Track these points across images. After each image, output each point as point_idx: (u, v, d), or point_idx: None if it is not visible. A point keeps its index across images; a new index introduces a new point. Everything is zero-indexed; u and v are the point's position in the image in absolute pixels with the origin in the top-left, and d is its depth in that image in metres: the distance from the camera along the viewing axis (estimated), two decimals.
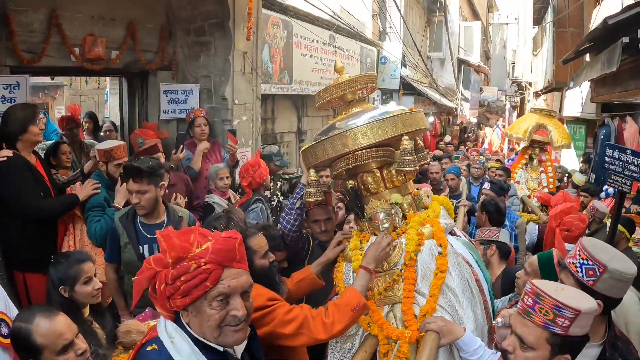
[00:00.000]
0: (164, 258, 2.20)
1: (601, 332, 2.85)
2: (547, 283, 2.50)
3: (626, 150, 6.44)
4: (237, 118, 8.53)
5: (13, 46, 5.97)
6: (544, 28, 23.64)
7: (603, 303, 2.71)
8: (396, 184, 3.74)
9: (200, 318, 2.22)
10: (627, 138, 12.68)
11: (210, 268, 2.18)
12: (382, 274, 3.59)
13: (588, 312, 2.34)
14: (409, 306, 3.49)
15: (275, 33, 10.11)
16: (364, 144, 3.45)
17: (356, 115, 3.63)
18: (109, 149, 5.49)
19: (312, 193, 3.80)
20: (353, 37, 14.09)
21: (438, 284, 3.47)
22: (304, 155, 3.84)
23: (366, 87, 3.97)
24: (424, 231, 3.60)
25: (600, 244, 2.88)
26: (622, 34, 7.90)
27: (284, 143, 12.13)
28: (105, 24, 7.03)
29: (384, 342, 3.47)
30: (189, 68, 8.48)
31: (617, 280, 2.70)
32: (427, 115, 22.60)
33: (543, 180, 9.64)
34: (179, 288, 2.16)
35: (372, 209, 3.65)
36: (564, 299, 2.34)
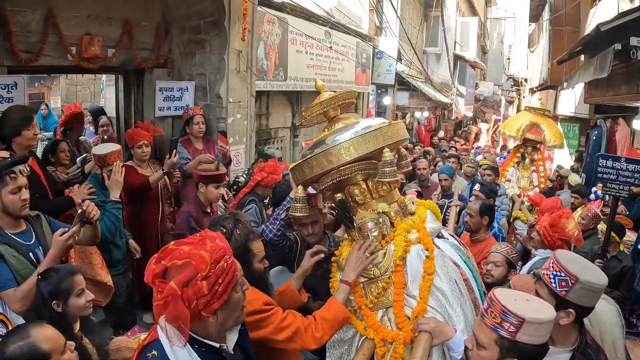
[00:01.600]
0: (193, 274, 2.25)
1: (572, 339, 2.97)
2: (508, 292, 2.67)
3: (620, 158, 6.64)
4: (232, 116, 8.59)
5: (11, 46, 6.01)
6: (541, 25, 23.67)
7: (575, 312, 2.84)
8: (382, 194, 3.86)
9: (229, 308, 2.41)
10: (619, 140, 12.79)
11: (233, 259, 2.39)
12: (374, 280, 3.72)
13: (535, 322, 2.45)
14: (399, 309, 3.62)
15: (271, 30, 10.16)
16: (348, 159, 3.56)
17: (339, 132, 3.75)
18: (102, 155, 5.56)
19: (298, 208, 3.92)
20: (349, 33, 14.11)
21: (426, 286, 3.58)
22: (293, 172, 3.96)
23: (345, 102, 4.08)
24: (410, 237, 3.73)
25: (572, 256, 3.00)
26: (614, 40, 7.99)
27: (278, 139, 12.21)
28: (101, 23, 7.07)
29: (381, 344, 3.60)
30: (185, 66, 8.53)
31: (587, 291, 2.82)
32: (421, 110, 22.68)
33: (534, 179, 9.69)
34: (216, 292, 2.28)
35: (361, 219, 3.78)
36: (511, 306, 2.48)
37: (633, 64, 7.73)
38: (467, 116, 32.93)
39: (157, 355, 2.36)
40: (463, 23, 28.88)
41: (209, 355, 2.43)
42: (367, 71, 16.44)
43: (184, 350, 2.35)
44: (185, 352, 2.35)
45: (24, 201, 3.96)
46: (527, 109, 10.76)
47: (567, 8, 18.87)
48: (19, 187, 3.92)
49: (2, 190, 3.89)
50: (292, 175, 4.05)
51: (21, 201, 3.94)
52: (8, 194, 3.88)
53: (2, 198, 3.89)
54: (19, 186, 3.91)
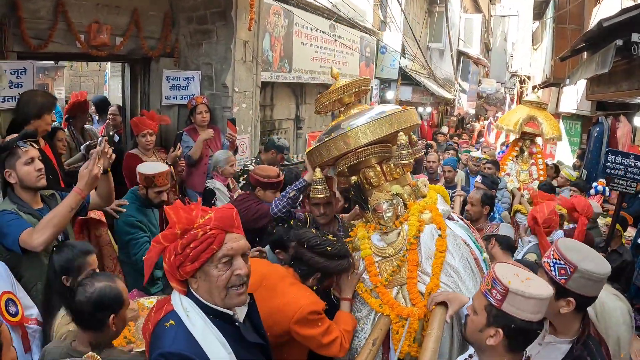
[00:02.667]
0: (173, 231, 2.47)
1: (574, 329, 2.96)
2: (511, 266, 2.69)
3: (629, 155, 6.75)
4: (237, 105, 8.67)
5: (21, 32, 6.07)
6: (545, 23, 23.71)
7: (575, 301, 2.82)
8: (395, 177, 4.05)
9: (209, 281, 2.51)
10: (620, 137, 12.85)
11: (215, 233, 2.48)
12: (389, 258, 3.90)
13: (519, 294, 2.46)
14: (413, 286, 3.80)
15: (277, 22, 10.20)
16: (364, 142, 3.77)
17: (355, 117, 3.94)
18: (150, 175, 5.32)
19: (319, 190, 4.15)
20: (353, 27, 14.16)
21: (438, 263, 3.78)
22: (309, 155, 4.16)
23: (360, 89, 4.27)
24: (424, 217, 3.94)
25: (574, 244, 3.00)
26: (616, 36, 8.06)
27: (282, 130, 12.25)
28: (110, 11, 7.15)
29: (396, 320, 3.75)
30: (191, 55, 8.61)
31: (587, 280, 2.79)
32: (424, 106, 22.70)
33: (534, 172, 9.78)
34: (188, 255, 2.44)
35: (376, 201, 3.96)
36: (501, 275, 2.53)
37: (634, 60, 7.81)
38: (470, 113, 32.94)
39: (175, 324, 2.49)
40: (467, 20, 28.83)
41: (223, 324, 2.57)
42: (371, 65, 16.43)
43: (199, 320, 2.50)
44: (201, 320, 2.51)
45: (39, 171, 4.04)
46: (524, 103, 10.83)
47: (571, 6, 18.94)
48: (32, 158, 4.01)
49: (17, 163, 3.98)
50: (308, 158, 4.27)
51: (36, 172, 4.02)
52: (22, 166, 3.97)
53: (18, 171, 3.99)
54: (31, 157, 4.01)
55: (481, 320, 2.60)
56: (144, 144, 6.87)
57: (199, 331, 2.48)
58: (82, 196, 3.94)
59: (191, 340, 2.46)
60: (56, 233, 3.82)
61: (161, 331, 2.52)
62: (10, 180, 4.03)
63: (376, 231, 4.03)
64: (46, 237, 3.72)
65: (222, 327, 2.55)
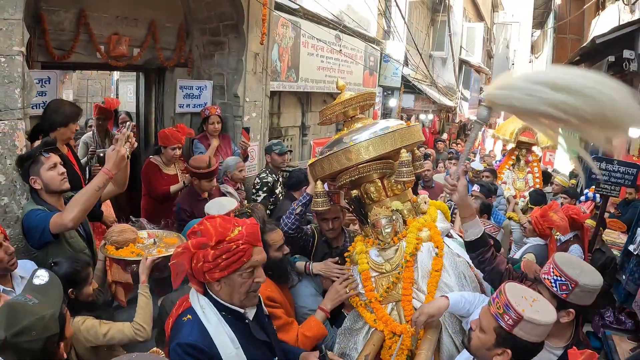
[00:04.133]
0: (203, 241, 2.75)
1: (567, 335, 3.19)
2: (520, 288, 2.82)
3: (612, 161, 7.14)
4: (248, 114, 8.92)
5: (45, 43, 6.30)
6: (546, 32, 23.90)
7: (575, 311, 3.07)
8: (396, 192, 4.12)
9: (232, 286, 2.83)
10: (615, 146, 13.09)
11: (245, 248, 2.77)
12: (386, 274, 3.97)
13: (531, 322, 2.59)
14: (408, 303, 3.85)
15: (285, 33, 10.48)
16: (366, 157, 3.81)
17: (358, 131, 4.00)
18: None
19: (320, 203, 4.18)
20: (358, 36, 14.41)
21: (434, 282, 3.83)
22: (311, 168, 4.21)
23: (365, 103, 4.31)
24: (422, 235, 3.97)
25: (570, 260, 3.19)
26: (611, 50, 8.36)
27: (288, 137, 12.55)
28: (128, 23, 7.41)
29: (390, 336, 3.80)
30: (204, 66, 8.87)
31: (586, 292, 3.02)
32: (426, 113, 22.92)
33: (530, 180, 10.00)
34: (219, 264, 2.73)
35: (375, 216, 4.01)
36: (514, 302, 2.65)
37: (626, 75, 8.07)
38: (472, 119, 33.07)
39: (192, 318, 2.82)
40: (469, 28, 28.93)
41: (234, 320, 2.89)
42: (375, 74, 16.67)
43: (213, 316, 2.83)
44: (215, 317, 2.83)
45: (62, 175, 4.30)
46: None
47: (571, 17, 19.17)
48: (55, 163, 4.26)
49: (41, 170, 4.23)
50: (310, 171, 4.29)
51: (59, 175, 4.28)
52: (46, 172, 4.22)
53: (42, 177, 4.23)
54: (54, 163, 4.26)
55: (489, 339, 2.73)
56: (170, 156, 7.04)
57: (213, 326, 2.80)
58: (110, 176, 4.13)
59: (205, 334, 2.77)
60: (84, 211, 4.06)
61: (180, 324, 2.84)
62: (35, 187, 4.27)
63: (374, 246, 4.07)
64: (75, 213, 3.98)
65: (233, 324, 2.86)
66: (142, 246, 4.33)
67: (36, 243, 4.15)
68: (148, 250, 4.18)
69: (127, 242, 4.19)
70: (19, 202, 4.61)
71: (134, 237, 4.26)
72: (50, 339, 2.57)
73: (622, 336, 7.03)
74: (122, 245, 4.17)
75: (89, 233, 4.65)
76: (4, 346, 2.48)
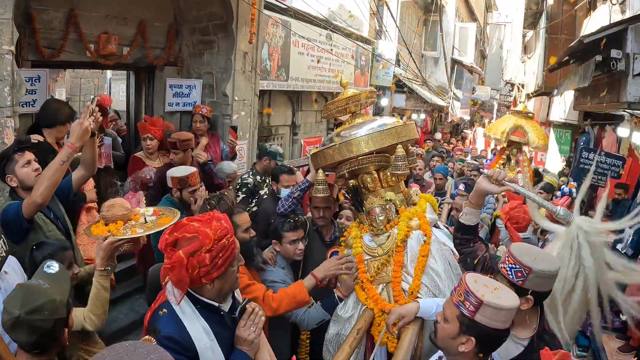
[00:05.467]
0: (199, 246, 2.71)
1: (533, 325, 3.20)
2: (480, 277, 2.87)
3: (600, 151, 7.31)
4: (237, 113, 9.00)
5: (35, 42, 6.38)
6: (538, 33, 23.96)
7: (533, 297, 3.08)
8: (390, 184, 4.31)
9: (225, 279, 2.88)
10: (606, 146, 13.16)
11: (233, 238, 2.86)
12: (377, 257, 4.17)
13: (491, 306, 2.64)
14: (397, 284, 4.04)
15: (275, 32, 10.52)
16: (366, 150, 4.03)
17: (358, 126, 4.21)
18: (184, 177, 5.57)
19: (320, 190, 4.42)
20: (349, 36, 14.45)
21: (420, 267, 4.02)
22: (314, 157, 4.43)
23: (368, 101, 4.53)
24: (412, 224, 4.17)
25: (525, 247, 3.24)
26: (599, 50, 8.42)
27: (278, 136, 12.60)
28: (118, 22, 7.48)
29: (379, 314, 4.01)
30: (193, 64, 8.95)
31: (542, 278, 3.02)
32: (418, 112, 22.98)
33: (520, 180, 10.09)
34: (216, 264, 2.75)
35: (370, 205, 4.23)
36: (474, 288, 2.71)
37: (614, 74, 8.13)
38: (464, 119, 33.18)
39: (167, 312, 2.86)
40: (462, 28, 28.94)
41: (209, 313, 2.93)
42: (366, 73, 16.74)
43: (188, 309, 2.87)
44: (190, 310, 2.87)
45: (37, 170, 4.32)
46: (511, 112, 11.14)
47: (563, 17, 19.22)
48: (28, 160, 4.30)
49: (15, 167, 4.27)
50: (312, 160, 4.56)
51: (34, 172, 4.30)
52: (21, 169, 4.27)
53: (17, 174, 4.28)
54: (28, 160, 4.30)
55: (453, 328, 2.77)
56: (145, 147, 7.16)
57: (188, 319, 2.85)
58: (73, 149, 4.11)
59: (180, 326, 2.82)
60: (51, 186, 4.06)
61: (156, 318, 2.89)
62: (12, 184, 4.32)
63: (368, 232, 4.28)
64: (42, 189, 4.00)
65: (208, 317, 2.91)
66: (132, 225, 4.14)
67: (16, 235, 4.15)
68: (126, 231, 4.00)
69: (115, 218, 4.05)
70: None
71: (123, 214, 4.09)
72: (59, 321, 2.85)
73: (610, 334, 7.08)
74: (111, 221, 4.05)
75: (67, 227, 4.68)
76: (17, 323, 2.76)
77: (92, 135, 4.43)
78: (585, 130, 14.79)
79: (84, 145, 4.49)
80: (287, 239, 4.69)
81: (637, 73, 7.31)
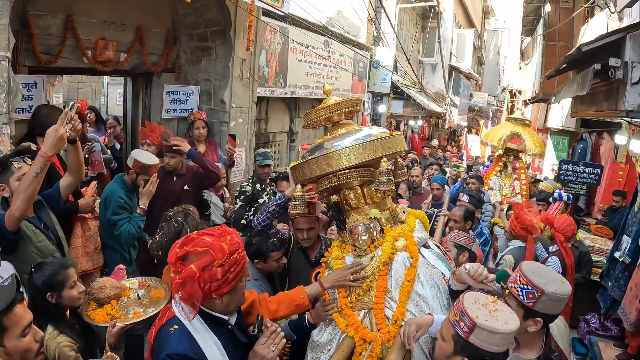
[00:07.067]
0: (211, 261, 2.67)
1: (538, 346, 3.15)
2: (480, 296, 2.85)
3: (578, 162, 7.63)
4: (234, 120, 8.98)
5: (32, 48, 6.33)
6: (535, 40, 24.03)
7: (543, 320, 3.05)
8: (375, 200, 4.03)
9: (233, 295, 2.84)
10: (603, 153, 13.19)
11: (244, 253, 2.83)
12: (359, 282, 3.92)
13: (486, 329, 2.61)
14: (379, 311, 3.77)
15: (273, 39, 10.51)
16: (347, 165, 3.72)
17: (341, 137, 3.90)
18: (148, 165, 5.89)
19: (297, 206, 4.11)
20: (347, 43, 14.45)
21: (405, 292, 3.76)
22: (293, 171, 4.15)
23: (351, 109, 4.24)
24: (398, 245, 3.91)
25: (537, 268, 3.18)
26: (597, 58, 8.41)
27: (276, 142, 12.59)
28: (116, 28, 7.44)
29: (360, 342, 3.72)
30: (191, 71, 8.93)
31: (553, 301, 2.99)
32: (415, 119, 22.99)
33: (516, 187, 10.09)
34: (227, 278, 2.71)
35: (353, 223, 3.90)
36: (470, 309, 2.68)
37: (612, 83, 8.12)
38: (462, 125, 33.20)
39: (179, 329, 2.80)
40: (459, 35, 28.93)
41: (218, 327, 2.90)
42: (364, 80, 16.74)
43: (199, 325, 2.82)
44: (201, 326, 2.82)
45: None
46: (508, 119, 11.20)
47: (561, 24, 19.27)
48: (24, 173, 4.15)
49: (10, 179, 4.22)
50: (291, 174, 4.28)
51: None
52: (14, 182, 4.19)
53: (10, 186, 4.21)
54: (23, 173, 4.17)
55: (449, 347, 2.77)
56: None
57: (200, 335, 2.80)
58: (46, 159, 3.95)
59: (193, 343, 2.76)
60: (27, 199, 3.95)
61: (166, 335, 2.81)
62: (4, 194, 4.26)
63: (351, 253, 4.01)
64: (18, 203, 3.90)
65: (217, 331, 2.87)
66: (126, 302, 4.06)
67: (5, 246, 4.07)
68: (126, 311, 3.89)
69: (108, 298, 3.96)
70: None
71: (115, 293, 4.02)
72: None
73: (607, 342, 7.10)
74: (104, 303, 3.95)
75: (58, 237, 4.59)
76: None
77: (73, 142, 4.40)
78: (583, 137, 14.81)
79: (68, 152, 4.48)
80: (273, 258, 4.60)
81: (635, 81, 7.29)
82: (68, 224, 5.40)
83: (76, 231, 5.69)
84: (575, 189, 8.46)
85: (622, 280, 6.76)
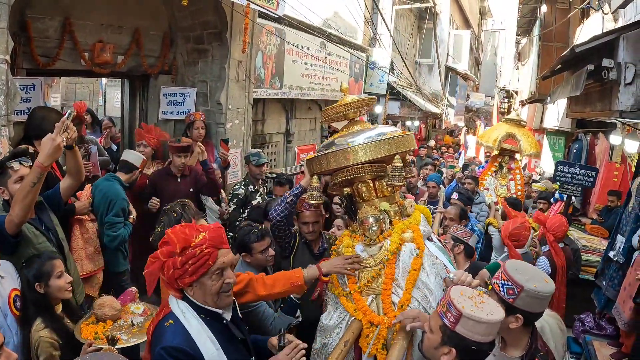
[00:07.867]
0: (171, 249, 2.89)
1: (523, 344, 3.16)
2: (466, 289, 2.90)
3: (574, 164, 7.77)
4: (230, 122, 9.04)
5: (30, 51, 6.39)
6: (532, 40, 24.06)
7: (523, 317, 3.04)
8: (385, 194, 4.33)
9: (204, 289, 2.96)
10: (598, 153, 13.23)
11: (210, 251, 2.90)
12: (368, 269, 4.13)
13: (471, 319, 2.66)
14: (387, 297, 4.00)
15: (269, 41, 10.54)
16: (363, 159, 4.03)
17: (356, 134, 4.21)
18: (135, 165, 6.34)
19: (314, 197, 4.42)
20: (343, 44, 14.50)
21: (411, 280, 3.99)
22: (309, 163, 4.44)
23: (367, 108, 4.62)
24: (405, 236, 4.17)
25: (520, 265, 3.20)
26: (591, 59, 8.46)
27: (272, 143, 12.64)
28: (113, 31, 7.49)
29: (367, 325, 3.95)
30: (187, 73, 8.99)
31: (533, 298, 3.00)
32: (412, 120, 23.02)
33: (512, 187, 10.15)
34: (187, 270, 2.87)
35: (364, 214, 4.18)
36: (456, 299, 2.73)
37: (606, 83, 8.15)
38: (459, 126, 33.20)
39: (174, 323, 2.93)
40: (456, 36, 28.89)
41: (213, 322, 3.02)
42: (360, 81, 16.79)
43: (194, 319, 2.95)
44: (195, 320, 2.95)
45: None
46: (503, 121, 11.25)
47: (557, 24, 19.33)
48: (21, 177, 4.23)
49: (8, 182, 4.28)
50: (307, 166, 4.52)
51: None
52: (13, 184, 4.26)
53: (9, 189, 4.28)
54: (20, 176, 4.24)
55: (436, 338, 2.80)
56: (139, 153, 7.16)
57: (194, 329, 2.91)
58: (42, 168, 3.95)
59: (187, 336, 2.89)
60: (25, 207, 3.98)
61: (162, 329, 2.94)
62: (4, 197, 4.33)
63: (360, 242, 4.25)
64: (16, 211, 3.95)
65: (212, 325, 2.99)
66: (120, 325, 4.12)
67: (5, 248, 4.14)
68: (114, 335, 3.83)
69: (105, 317, 4.08)
70: None
71: (113, 314, 4.12)
72: None
73: (602, 342, 7.15)
74: (101, 320, 4.08)
75: (58, 238, 4.66)
76: None
77: (70, 147, 4.44)
78: (578, 137, 14.85)
79: (67, 157, 4.54)
80: (256, 250, 4.66)
81: (628, 82, 7.32)
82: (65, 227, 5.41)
83: (75, 233, 5.75)
84: (570, 190, 8.58)
85: (616, 279, 6.81)
